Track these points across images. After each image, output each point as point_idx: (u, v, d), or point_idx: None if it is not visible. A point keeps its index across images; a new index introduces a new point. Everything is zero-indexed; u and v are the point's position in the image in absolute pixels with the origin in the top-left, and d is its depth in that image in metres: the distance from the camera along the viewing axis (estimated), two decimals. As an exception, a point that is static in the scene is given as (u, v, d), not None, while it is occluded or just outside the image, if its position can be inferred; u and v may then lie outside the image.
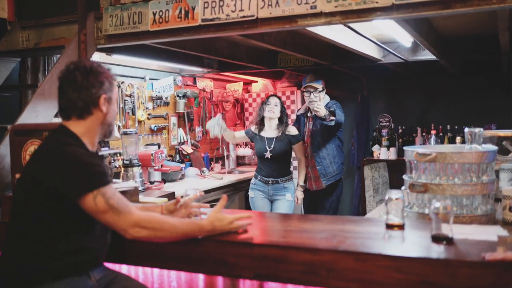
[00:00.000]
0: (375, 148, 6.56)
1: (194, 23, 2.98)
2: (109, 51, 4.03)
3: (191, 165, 5.72)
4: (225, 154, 6.56)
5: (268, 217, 2.60)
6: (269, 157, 4.46)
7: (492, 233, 2.04)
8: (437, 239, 1.94)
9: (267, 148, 4.48)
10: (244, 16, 2.83)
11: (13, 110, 3.64)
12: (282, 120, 4.54)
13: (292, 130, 4.57)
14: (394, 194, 2.20)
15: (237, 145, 6.74)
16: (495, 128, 5.71)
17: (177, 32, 3.08)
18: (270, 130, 4.56)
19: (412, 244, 1.98)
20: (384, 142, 6.43)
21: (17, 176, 2.57)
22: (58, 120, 3.14)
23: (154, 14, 3.10)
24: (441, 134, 6.30)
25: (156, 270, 2.35)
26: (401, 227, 2.19)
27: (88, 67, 2.07)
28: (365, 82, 6.98)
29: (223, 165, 6.47)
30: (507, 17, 3.16)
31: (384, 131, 6.50)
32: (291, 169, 4.77)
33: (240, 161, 6.91)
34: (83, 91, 2.04)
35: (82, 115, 2.06)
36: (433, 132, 5.84)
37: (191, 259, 2.13)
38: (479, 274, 1.68)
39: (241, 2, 2.82)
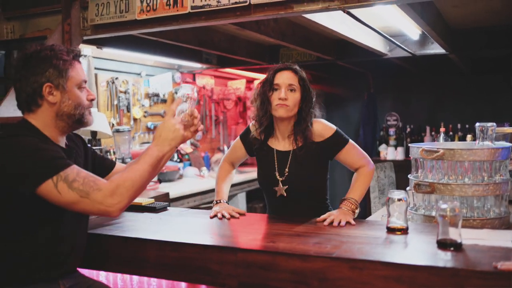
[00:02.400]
0: (382, 147, 6.34)
1: (183, 10, 2.80)
2: (99, 43, 3.85)
3: (190, 165, 5.52)
4: (227, 153, 6.36)
5: (257, 219, 2.39)
6: (284, 193, 2.38)
7: (506, 238, 1.82)
8: (444, 245, 1.72)
9: (277, 175, 2.40)
10: (236, 2, 2.65)
11: (-3, 105, 3.47)
12: (302, 116, 2.35)
13: (323, 129, 2.37)
14: (397, 194, 1.98)
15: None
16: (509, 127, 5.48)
17: (166, 21, 2.90)
18: (284, 139, 2.42)
19: (416, 250, 1.76)
20: (392, 142, 6.22)
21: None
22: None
23: (142, 2, 2.92)
24: (451, 133, 6.07)
25: (135, 277, 2.16)
26: (404, 231, 1.96)
27: (30, 52, 1.84)
28: (371, 80, 6.78)
29: (224, 165, 6.27)
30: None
31: (392, 130, 6.28)
32: (328, 204, 2.52)
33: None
34: (23, 80, 1.81)
35: (30, 107, 1.84)
36: (442, 130, 5.60)
37: (171, 266, 1.93)
38: (491, 286, 1.45)
39: (232, -13, 2.62)
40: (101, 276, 2.22)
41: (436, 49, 4.58)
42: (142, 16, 2.92)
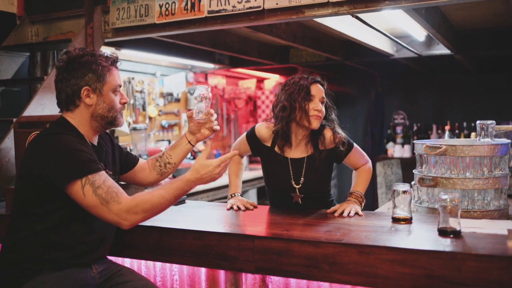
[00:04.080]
0: (390, 145, 6.48)
1: (200, 15, 2.95)
2: (117, 45, 4.02)
3: (202, 162, 5.69)
4: (237, 151, 6.53)
5: (271, 211, 2.55)
6: (300, 201, 2.50)
7: (502, 227, 1.97)
8: (444, 232, 1.87)
9: (293, 183, 2.49)
10: (250, 7, 2.80)
11: (22, 104, 3.64)
12: (323, 124, 2.47)
13: (328, 135, 2.47)
14: (401, 187, 2.13)
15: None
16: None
17: (183, 25, 3.05)
18: (298, 146, 2.50)
19: (418, 237, 1.91)
20: (399, 140, 6.35)
21: (21, 168, 2.57)
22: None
23: (161, 7, 3.07)
24: (457, 131, 6.19)
25: (158, 264, 2.32)
26: (408, 220, 2.12)
27: (72, 56, 2.00)
28: (379, 79, 6.92)
29: (235, 162, 6.44)
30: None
31: (399, 129, 6.42)
32: (332, 198, 2.70)
33: (253, 158, 6.87)
34: (64, 82, 1.98)
35: (68, 107, 2.01)
36: (447, 128, 5.74)
37: (192, 253, 2.09)
38: (486, 268, 1.61)
39: (247, -7, 2.78)
40: (126, 262, 2.39)
41: (441, 49, 4.71)
42: (161, 20, 3.08)
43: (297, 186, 2.48)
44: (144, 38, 3.64)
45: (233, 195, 2.63)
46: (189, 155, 5.56)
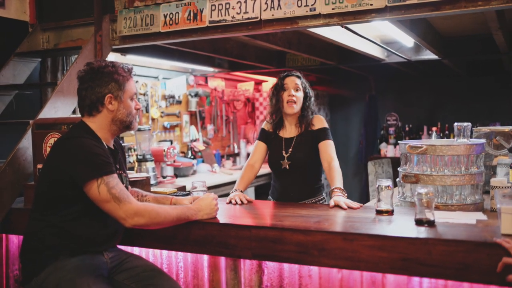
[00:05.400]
0: (383, 146, 6.73)
1: (202, 24, 3.18)
2: (123, 51, 4.25)
3: (202, 162, 5.93)
4: (236, 151, 6.77)
5: (265, 205, 2.80)
6: (287, 167, 3.01)
7: (472, 217, 2.21)
8: (420, 222, 2.12)
9: (283, 153, 3.06)
10: (248, 18, 3.03)
11: (34, 107, 3.88)
12: (304, 109, 3.05)
13: (318, 122, 3.05)
14: (384, 182, 2.38)
15: (248, 142, 6.93)
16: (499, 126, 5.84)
17: (186, 33, 3.28)
18: (291, 128, 3.09)
19: (397, 226, 2.15)
20: (391, 140, 6.60)
21: (39, 166, 2.81)
22: (76, 115, 3.40)
23: (165, 17, 3.30)
24: (447, 132, 6.43)
25: (164, 252, 2.55)
26: (390, 212, 2.36)
27: (96, 68, 2.25)
28: (373, 82, 7.16)
29: (234, 162, 6.68)
30: (495, 18, 3.31)
31: (391, 129, 6.66)
32: (322, 184, 3.18)
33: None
34: (89, 90, 2.23)
35: (91, 112, 2.26)
36: (434, 129, 6.02)
37: (196, 242, 2.33)
38: (453, 251, 1.85)
39: (245, 5, 3.01)
40: (135, 251, 2.61)
41: (429, 55, 4.94)
42: (166, 29, 3.30)
43: (286, 155, 3.01)
44: (148, 45, 3.88)
45: (235, 190, 2.93)
46: (189, 154, 5.81)
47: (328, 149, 2.95)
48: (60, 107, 3.19)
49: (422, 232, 2.00)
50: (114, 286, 2.23)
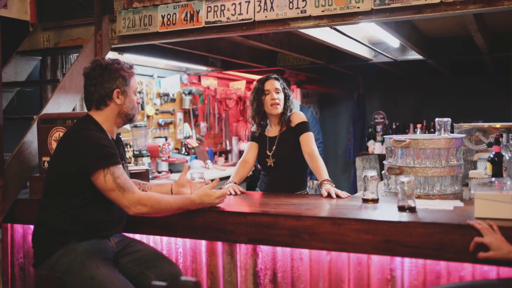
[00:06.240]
0: (370, 143, 6.93)
1: (198, 25, 3.34)
2: (121, 50, 4.40)
3: (196, 158, 6.09)
4: (228, 148, 6.94)
5: (259, 195, 2.99)
6: (272, 164, 3.18)
7: (450, 205, 2.40)
8: (402, 208, 2.30)
9: (268, 152, 3.18)
10: (242, 19, 3.19)
11: (34, 103, 4.02)
12: (285, 108, 3.17)
13: (296, 118, 3.18)
14: (370, 172, 2.56)
15: (239, 139, 7.10)
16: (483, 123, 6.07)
17: (183, 33, 3.44)
18: (274, 127, 3.24)
19: (381, 212, 2.34)
20: (379, 138, 6.80)
21: (44, 159, 2.96)
22: (78, 110, 3.53)
23: (163, 17, 3.46)
24: (432, 129, 6.65)
25: (165, 238, 2.71)
26: (375, 201, 2.55)
27: (104, 64, 2.41)
28: (361, 81, 7.36)
29: (226, 158, 6.85)
30: (473, 21, 3.51)
31: (379, 127, 6.86)
32: (308, 180, 3.44)
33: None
34: (98, 85, 2.39)
35: (99, 106, 2.42)
36: (418, 126, 6.24)
37: (194, 228, 2.50)
38: (431, 233, 2.04)
39: (240, 6, 3.18)
40: (137, 238, 2.78)
41: (414, 55, 5.14)
42: (163, 29, 3.46)
43: (270, 153, 3.18)
44: (145, 44, 4.03)
45: (230, 182, 3.12)
46: (183, 150, 5.96)
47: (308, 141, 3.09)
48: (63, 103, 3.34)
49: (404, 217, 2.18)
50: (118, 269, 2.39)
